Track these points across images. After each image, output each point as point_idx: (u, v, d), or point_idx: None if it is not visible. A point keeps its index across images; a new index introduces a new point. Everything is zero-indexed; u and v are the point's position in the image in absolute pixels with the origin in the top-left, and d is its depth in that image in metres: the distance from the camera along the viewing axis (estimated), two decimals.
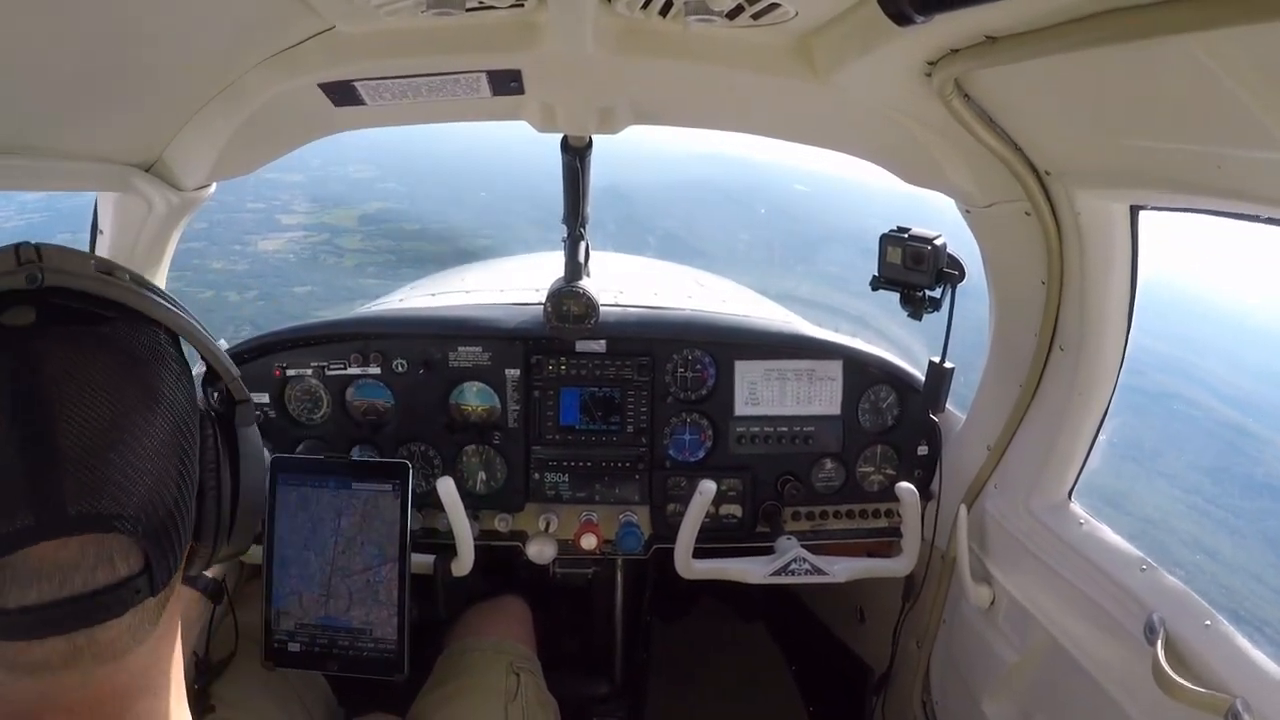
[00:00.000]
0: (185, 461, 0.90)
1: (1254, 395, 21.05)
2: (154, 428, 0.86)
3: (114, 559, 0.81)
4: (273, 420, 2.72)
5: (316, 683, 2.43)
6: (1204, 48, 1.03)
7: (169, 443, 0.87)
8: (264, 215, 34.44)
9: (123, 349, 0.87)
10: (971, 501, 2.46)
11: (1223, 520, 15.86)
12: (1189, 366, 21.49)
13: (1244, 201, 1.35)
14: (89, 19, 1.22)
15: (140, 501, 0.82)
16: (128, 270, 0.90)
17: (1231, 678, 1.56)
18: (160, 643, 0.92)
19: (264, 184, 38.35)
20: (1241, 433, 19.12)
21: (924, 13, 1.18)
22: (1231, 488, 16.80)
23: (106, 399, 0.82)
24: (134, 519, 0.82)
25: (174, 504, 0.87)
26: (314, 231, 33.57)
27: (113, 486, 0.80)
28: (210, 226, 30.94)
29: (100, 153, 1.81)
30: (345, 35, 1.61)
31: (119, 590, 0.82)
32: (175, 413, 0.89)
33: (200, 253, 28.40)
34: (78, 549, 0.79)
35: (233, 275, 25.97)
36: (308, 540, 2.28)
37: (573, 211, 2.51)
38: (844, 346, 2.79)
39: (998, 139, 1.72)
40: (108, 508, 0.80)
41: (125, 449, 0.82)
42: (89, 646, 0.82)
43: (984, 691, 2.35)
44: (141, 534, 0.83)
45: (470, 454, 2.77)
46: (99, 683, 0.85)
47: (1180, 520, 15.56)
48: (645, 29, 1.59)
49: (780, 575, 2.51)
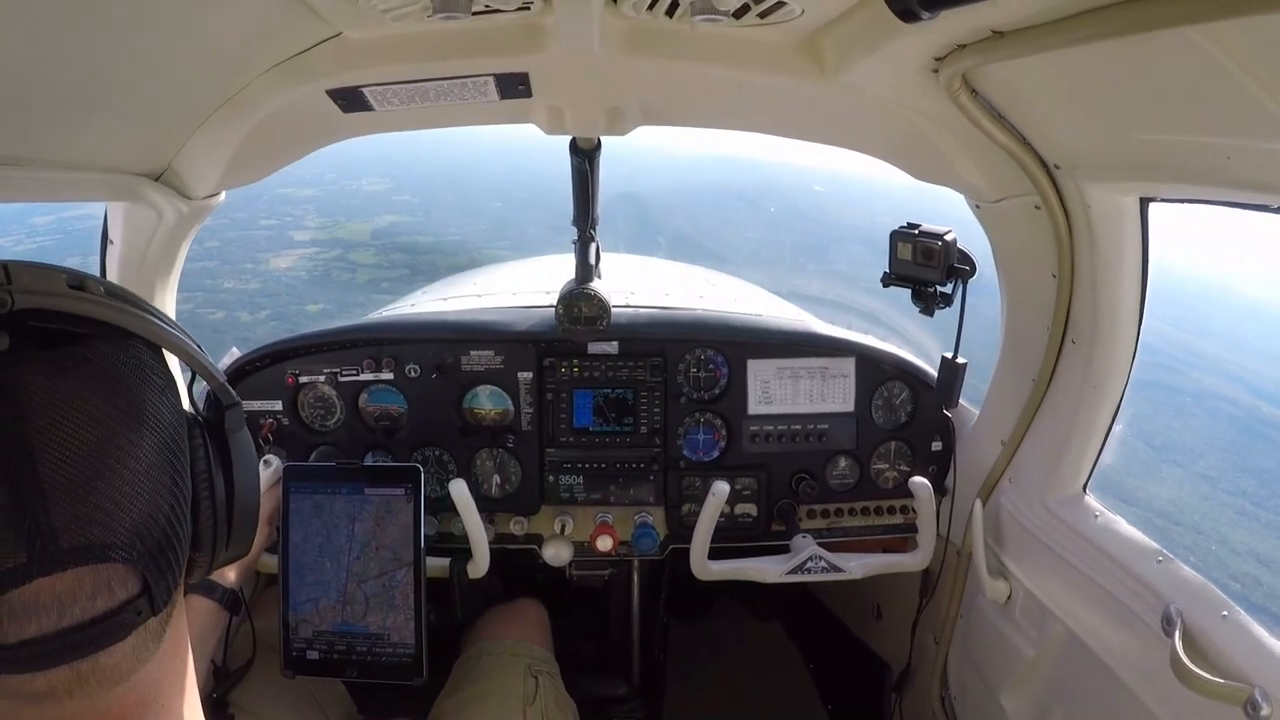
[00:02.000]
0: (177, 476, 0.89)
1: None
2: (141, 447, 0.84)
3: (111, 586, 0.80)
4: (286, 427, 2.74)
5: (335, 689, 2.43)
6: (1212, 39, 1.02)
7: (158, 460, 0.86)
8: (277, 232, 34.59)
9: (102, 369, 0.84)
10: (986, 496, 2.46)
11: (1272, 524, 15.56)
12: (1228, 364, 21.22)
13: (1255, 192, 1.34)
14: (96, 29, 1.22)
15: (133, 525, 0.81)
16: (101, 282, 0.87)
17: (1250, 668, 1.55)
18: (168, 657, 0.91)
19: (277, 199, 38.52)
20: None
21: (930, 9, 1.18)
22: (1278, 488, 16.53)
23: (90, 424, 0.80)
24: (128, 545, 0.81)
25: (168, 521, 0.86)
26: (326, 247, 33.73)
27: (103, 515, 0.79)
28: (223, 245, 31.09)
29: (109, 163, 1.82)
30: (353, 41, 1.61)
31: (119, 615, 0.81)
32: (162, 428, 0.87)
33: (212, 272, 28.54)
34: (74, 580, 0.78)
35: (244, 294, 26.09)
36: (323, 547, 2.29)
37: (583, 213, 2.51)
38: (856, 343, 2.78)
39: (1006, 134, 1.71)
40: (100, 537, 0.78)
41: (113, 474, 0.80)
42: (94, 673, 0.81)
43: (1002, 686, 2.35)
44: (137, 558, 0.82)
45: (484, 457, 2.78)
46: (107, 705, 0.84)
47: (1232, 528, 15.26)
48: (652, 30, 1.59)
49: (796, 574, 2.51)
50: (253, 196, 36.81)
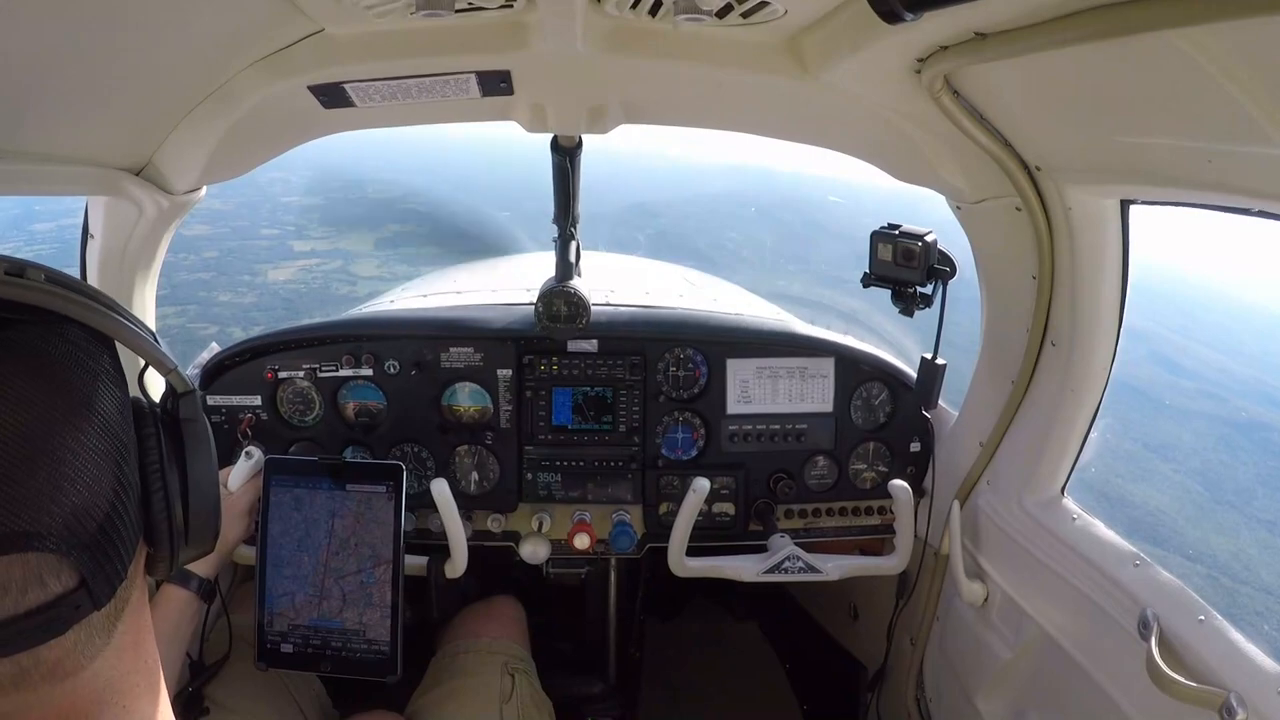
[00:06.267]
0: (121, 466, 0.85)
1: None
2: (77, 437, 0.80)
3: (44, 577, 0.77)
4: (265, 422, 2.72)
5: (311, 684, 2.42)
6: (1192, 43, 1.03)
7: (97, 450, 0.82)
8: (278, 241, 34.10)
9: (35, 356, 0.81)
10: (964, 498, 2.47)
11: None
12: (1267, 387, 20.70)
13: (1235, 196, 1.35)
14: (78, 22, 1.21)
15: (66, 516, 0.78)
16: (43, 269, 0.84)
17: (1225, 672, 1.56)
18: (125, 653, 0.89)
19: (280, 208, 38.02)
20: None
21: (913, 10, 1.18)
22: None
23: (18, 409, 0.76)
24: (58, 535, 0.77)
25: (108, 513, 0.82)
26: (328, 258, 33.27)
27: (30, 504, 0.75)
28: (221, 256, 30.67)
29: (90, 156, 1.80)
30: (335, 37, 1.60)
31: (56, 608, 0.77)
32: (102, 416, 0.84)
33: (208, 284, 28.14)
34: (3, 569, 0.74)
35: (239, 309, 25.74)
36: (301, 541, 2.28)
37: (563, 211, 2.50)
38: (836, 344, 2.79)
39: (987, 135, 1.72)
40: (26, 525, 0.75)
41: (43, 462, 0.77)
42: (35, 667, 0.79)
43: (978, 688, 2.36)
44: (69, 549, 0.78)
45: (463, 454, 2.77)
46: (57, 700, 0.82)
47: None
48: (634, 28, 1.58)
49: (773, 573, 2.52)
50: (256, 204, 36.33)
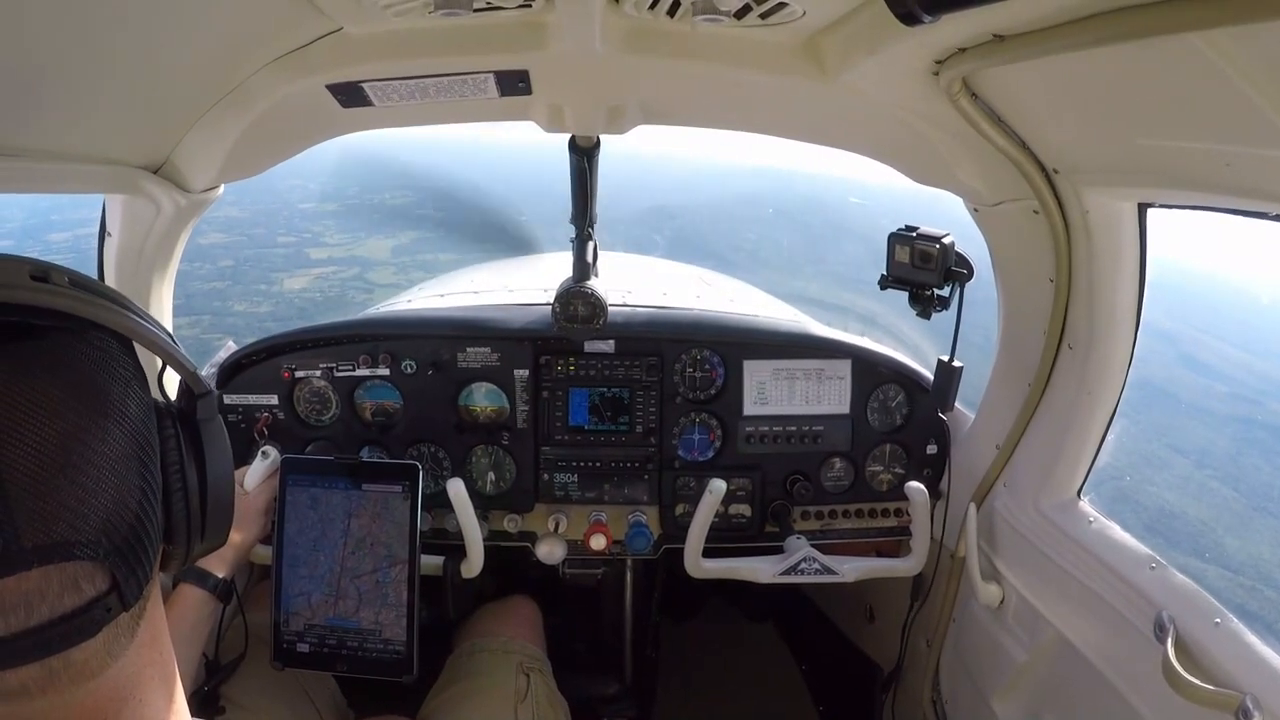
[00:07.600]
0: (146, 469, 0.87)
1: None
2: (107, 442, 0.81)
3: (79, 583, 0.78)
4: (281, 421, 2.73)
5: (326, 684, 2.43)
6: (1212, 46, 1.02)
7: (125, 454, 0.83)
8: (294, 250, 34.06)
9: (65, 363, 0.81)
10: (981, 500, 2.46)
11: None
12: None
13: (1254, 200, 1.34)
14: (97, 20, 1.22)
15: (100, 521, 0.79)
16: (66, 272, 0.84)
17: (1241, 675, 1.56)
18: (144, 651, 0.90)
19: (297, 215, 37.95)
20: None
21: (931, 12, 1.18)
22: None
23: (52, 419, 0.77)
24: (94, 542, 0.78)
25: (137, 516, 0.84)
26: (344, 265, 33.20)
27: (67, 513, 0.76)
28: (237, 265, 30.72)
29: (108, 155, 1.81)
30: (353, 36, 1.61)
31: (89, 612, 0.79)
32: (129, 421, 0.85)
33: (223, 294, 28.15)
34: (39, 579, 0.75)
35: (254, 318, 25.70)
36: (317, 541, 2.28)
37: (581, 212, 2.50)
38: (852, 345, 2.78)
39: (1005, 137, 1.71)
40: (65, 535, 0.76)
41: (77, 470, 0.78)
42: (65, 669, 0.80)
43: (993, 690, 2.35)
44: (104, 554, 0.79)
45: (479, 455, 2.78)
46: (80, 700, 0.83)
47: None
48: (653, 29, 1.59)
49: (790, 575, 2.51)
50: (274, 212, 36.23)
